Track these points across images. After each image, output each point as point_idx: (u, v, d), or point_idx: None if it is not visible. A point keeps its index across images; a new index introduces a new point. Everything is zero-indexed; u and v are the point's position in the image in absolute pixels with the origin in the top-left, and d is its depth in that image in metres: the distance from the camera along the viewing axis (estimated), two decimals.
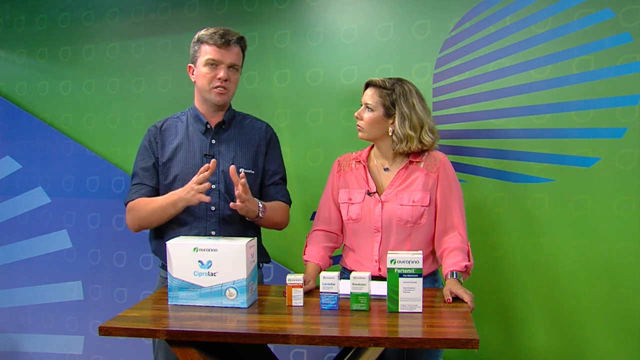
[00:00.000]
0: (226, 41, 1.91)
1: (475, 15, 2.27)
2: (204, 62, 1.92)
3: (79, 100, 2.91)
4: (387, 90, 1.90)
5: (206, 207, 1.95)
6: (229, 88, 1.95)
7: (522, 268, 2.25)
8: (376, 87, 1.92)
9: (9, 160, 3.08)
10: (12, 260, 3.08)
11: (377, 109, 1.91)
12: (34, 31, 2.98)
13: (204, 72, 1.93)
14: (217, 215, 1.96)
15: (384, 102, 1.90)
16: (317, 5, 2.51)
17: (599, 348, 2.17)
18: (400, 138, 1.89)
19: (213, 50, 1.91)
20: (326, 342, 1.46)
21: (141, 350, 2.77)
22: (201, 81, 1.95)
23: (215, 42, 1.91)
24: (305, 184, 2.53)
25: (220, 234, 1.96)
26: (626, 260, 2.11)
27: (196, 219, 1.95)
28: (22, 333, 3.06)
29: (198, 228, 1.96)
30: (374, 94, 1.92)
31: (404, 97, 1.90)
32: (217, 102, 1.96)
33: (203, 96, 1.98)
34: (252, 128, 2.07)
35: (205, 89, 1.95)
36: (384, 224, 1.90)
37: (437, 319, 1.61)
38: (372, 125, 1.92)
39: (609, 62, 2.10)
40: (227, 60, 1.92)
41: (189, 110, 2.05)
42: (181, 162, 1.97)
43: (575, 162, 2.16)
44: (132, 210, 1.97)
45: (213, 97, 1.95)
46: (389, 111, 1.91)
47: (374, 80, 1.93)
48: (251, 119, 2.09)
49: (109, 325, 1.55)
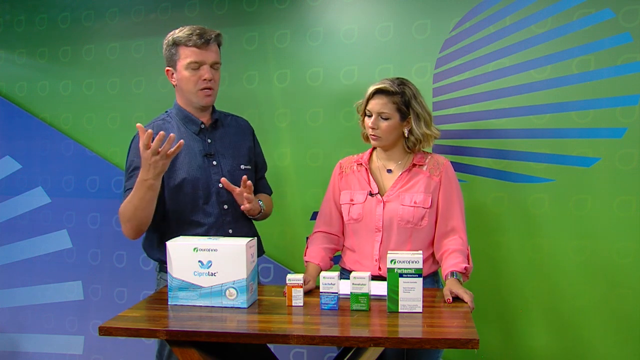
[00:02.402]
0: (206, 41, 1.89)
1: (475, 15, 2.27)
2: (185, 65, 1.90)
3: (79, 100, 2.91)
4: (399, 95, 1.88)
5: (219, 206, 1.95)
6: (214, 88, 1.95)
7: (522, 268, 2.25)
8: (387, 94, 1.88)
9: (9, 160, 3.07)
10: (12, 260, 3.08)
11: (393, 116, 1.88)
12: (34, 31, 2.98)
13: (188, 76, 1.91)
14: (231, 213, 1.97)
15: (399, 107, 1.88)
16: (317, 5, 2.51)
17: (599, 348, 2.17)
18: (419, 138, 1.90)
19: (193, 53, 1.89)
20: (326, 342, 1.46)
21: (141, 351, 2.77)
22: (186, 85, 1.93)
23: (195, 43, 1.88)
24: (305, 184, 2.53)
25: (236, 232, 1.97)
26: (626, 260, 2.12)
27: (211, 217, 1.95)
28: (22, 333, 3.06)
29: (215, 227, 1.95)
30: (387, 102, 1.88)
31: (415, 98, 1.90)
32: (205, 104, 1.96)
33: (189, 99, 1.96)
34: (238, 125, 2.09)
35: (191, 92, 1.93)
36: (385, 224, 1.90)
37: (437, 319, 1.61)
38: (390, 132, 1.90)
39: (609, 62, 2.10)
40: (209, 59, 1.91)
41: (171, 111, 2.02)
42: (185, 165, 1.95)
43: (575, 162, 2.16)
44: (120, 216, 1.89)
45: (200, 99, 1.94)
46: (404, 115, 1.90)
47: (383, 87, 1.88)
48: (232, 116, 2.11)
49: (109, 325, 1.55)
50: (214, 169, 1.97)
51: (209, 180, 1.96)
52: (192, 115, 2.00)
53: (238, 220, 1.99)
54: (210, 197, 1.95)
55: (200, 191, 1.94)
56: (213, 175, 1.97)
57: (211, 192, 1.95)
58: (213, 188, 1.95)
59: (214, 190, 1.95)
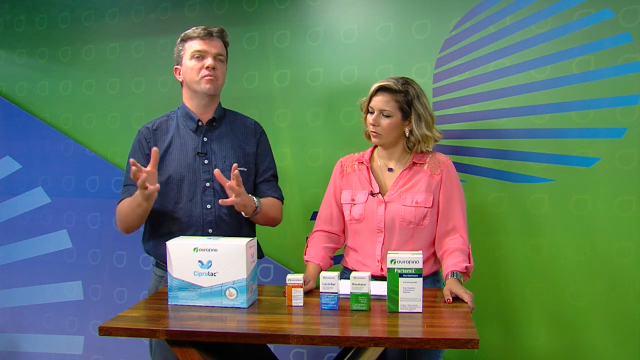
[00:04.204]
0: (209, 32, 1.96)
1: (475, 15, 2.27)
2: (190, 55, 1.96)
3: (79, 100, 2.91)
4: (402, 93, 1.88)
5: (202, 205, 1.95)
6: (217, 77, 1.97)
7: (522, 268, 2.25)
8: (390, 92, 1.88)
9: (9, 160, 3.07)
10: (12, 260, 3.08)
11: (394, 114, 1.89)
12: (34, 31, 2.98)
13: (191, 66, 1.96)
14: (213, 213, 1.96)
15: (401, 105, 1.88)
16: (317, 5, 2.51)
17: (599, 348, 2.17)
18: (418, 139, 1.90)
19: (198, 43, 1.95)
20: (326, 342, 1.46)
21: (141, 350, 2.77)
22: (189, 74, 1.97)
23: (198, 34, 1.96)
24: (305, 184, 2.53)
25: (216, 231, 1.96)
26: (626, 260, 2.12)
27: (192, 217, 1.96)
28: (22, 333, 3.06)
29: (195, 226, 1.96)
30: (389, 100, 1.88)
31: (418, 98, 1.89)
32: (207, 90, 1.96)
33: (193, 89, 1.99)
34: (243, 126, 2.08)
35: (194, 80, 1.96)
36: (387, 225, 1.90)
37: (437, 319, 1.61)
38: (391, 130, 1.90)
39: (609, 62, 2.10)
40: (213, 50, 1.96)
41: (178, 110, 2.06)
42: (174, 161, 1.97)
43: (575, 162, 2.16)
44: (117, 213, 1.99)
45: (203, 86, 1.96)
46: (406, 114, 1.89)
47: (386, 84, 1.88)
48: (241, 117, 2.11)
49: (109, 325, 1.55)
50: (204, 167, 1.98)
51: (197, 179, 1.96)
52: (193, 112, 2.01)
53: (219, 221, 1.97)
54: (195, 196, 1.96)
55: (184, 189, 1.95)
56: (202, 174, 1.97)
57: (196, 191, 1.96)
58: (199, 187, 1.96)
59: (199, 190, 1.95)
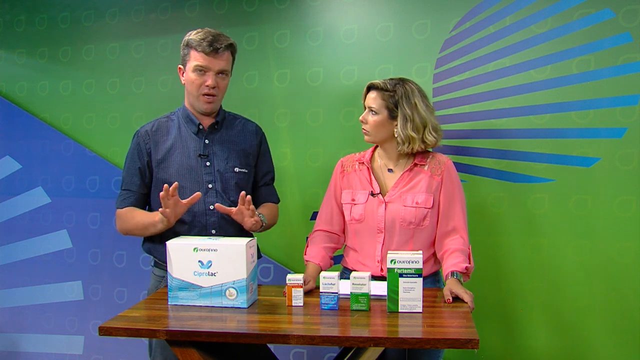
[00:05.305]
0: (214, 49, 1.89)
1: (475, 15, 2.27)
2: (192, 67, 1.92)
3: (79, 100, 2.91)
4: (389, 92, 1.89)
5: (205, 206, 1.95)
6: (217, 95, 1.96)
7: (522, 268, 2.25)
8: (378, 90, 1.91)
9: (9, 160, 3.07)
10: (12, 260, 3.08)
11: (380, 112, 1.90)
12: (34, 31, 2.98)
13: (193, 78, 1.93)
14: (216, 214, 1.96)
15: (387, 104, 1.89)
16: (317, 5, 2.51)
17: (599, 348, 2.17)
18: (403, 140, 1.89)
19: (201, 57, 1.90)
20: (326, 342, 1.46)
21: (141, 350, 2.76)
22: (190, 87, 1.95)
23: (203, 49, 1.89)
24: (305, 184, 2.53)
25: (219, 232, 1.97)
26: (626, 260, 2.11)
27: (195, 217, 1.96)
28: (22, 333, 3.06)
29: (198, 227, 1.96)
30: (377, 97, 1.90)
31: (406, 98, 1.89)
32: (204, 109, 1.97)
33: (191, 101, 1.99)
34: (244, 128, 2.08)
35: (193, 95, 1.96)
36: (387, 225, 1.89)
37: (437, 319, 1.61)
38: (377, 128, 1.91)
39: (609, 62, 2.10)
40: (216, 67, 1.91)
41: (178, 111, 2.05)
42: (176, 164, 1.97)
43: (575, 162, 2.16)
44: (119, 219, 2.00)
45: (201, 105, 1.96)
46: (392, 113, 1.90)
47: (376, 83, 1.92)
48: (241, 119, 2.11)
49: (109, 325, 1.55)
50: (207, 169, 1.98)
51: (199, 181, 1.97)
52: (194, 116, 2.01)
53: (222, 222, 1.97)
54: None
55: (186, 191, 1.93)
56: (204, 176, 1.97)
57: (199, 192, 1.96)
58: (201, 189, 1.95)
59: (201, 191, 1.94)
